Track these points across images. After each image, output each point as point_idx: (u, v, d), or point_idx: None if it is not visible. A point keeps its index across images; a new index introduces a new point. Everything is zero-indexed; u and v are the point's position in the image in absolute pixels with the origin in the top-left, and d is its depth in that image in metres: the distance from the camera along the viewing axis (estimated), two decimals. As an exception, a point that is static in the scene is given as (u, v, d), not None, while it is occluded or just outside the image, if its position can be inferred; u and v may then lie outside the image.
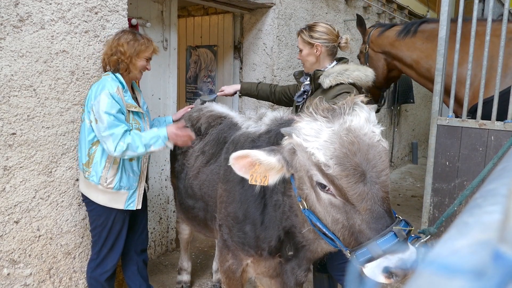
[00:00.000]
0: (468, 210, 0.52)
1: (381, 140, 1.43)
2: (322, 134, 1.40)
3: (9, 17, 2.26)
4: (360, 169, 1.35)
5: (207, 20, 5.25)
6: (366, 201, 1.36)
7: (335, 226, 1.45)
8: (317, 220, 1.53)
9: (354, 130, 1.39)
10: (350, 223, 1.40)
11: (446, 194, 3.37)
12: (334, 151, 1.36)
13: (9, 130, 2.34)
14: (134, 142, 2.34)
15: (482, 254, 0.32)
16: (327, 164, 1.36)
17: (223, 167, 2.22)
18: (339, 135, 1.38)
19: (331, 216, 1.45)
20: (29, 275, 2.54)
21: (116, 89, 2.39)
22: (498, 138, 3.07)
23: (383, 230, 1.33)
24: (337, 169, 1.35)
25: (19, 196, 2.44)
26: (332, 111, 1.46)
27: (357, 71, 2.43)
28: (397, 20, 7.47)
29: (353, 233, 1.40)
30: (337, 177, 1.35)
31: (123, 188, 2.53)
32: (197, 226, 2.70)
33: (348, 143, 1.36)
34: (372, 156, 1.38)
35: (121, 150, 2.32)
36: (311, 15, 4.98)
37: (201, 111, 2.83)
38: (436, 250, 0.37)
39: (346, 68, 2.44)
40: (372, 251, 1.31)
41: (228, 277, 2.24)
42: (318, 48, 2.57)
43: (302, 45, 2.65)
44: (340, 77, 2.39)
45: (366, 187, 1.36)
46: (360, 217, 1.37)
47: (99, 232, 2.58)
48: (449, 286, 0.27)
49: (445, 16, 3.30)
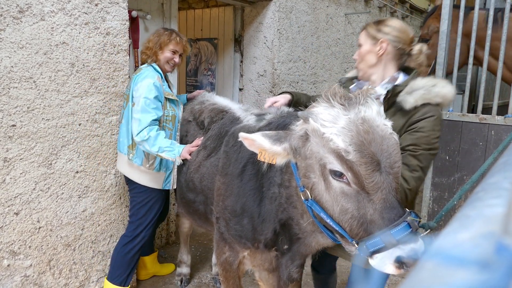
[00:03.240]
0: (470, 203, 0.52)
1: (393, 133, 1.43)
2: (339, 120, 1.39)
3: (9, 8, 2.25)
4: (376, 158, 1.35)
5: (208, 13, 5.22)
6: (382, 190, 1.35)
7: (343, 216, 1.43)
8: (321, 210, 1.51)
9: (368, 121, 1.39)
10: (361, 213, 1.39)
11: (446, 189, 3.38)
12: (352, 138, 1.35)
13: (9, 121, 2.33)
14: (155, 139, 2.53)
15: (485, 246, 0.32)
16: (347, 150, 1.34)
17: (222, 160, 2.22)
18: (356, 123, 1.37)
19: (340, 205, 1.43)
20: (29, 267, 2.55)
21: (157, 77, 2.66)
22: (498, 133, 3.06)
23: (396, 220, 1.33)
24: (357, 156, 1.34)
25: (19, 187, 2.44)
26: (348, 99, 1.45)
27: (448, 86, 1.89)
28: (398, 14, 7.43)
29: (363, 223, 1.39)
30: (356, 163, 1.34)
31: (162, 169, 2.76)
32: (197, 220, 2.71)
33: (364, 132, 1.36)
34: (386, 147, 1.38)
35: (142, 137, 2.52)
36: (312, 8, 4.96)
37: (203, 104, 2.82)
38: (438, 242, 0.37)
39: (434, 84, 1.87)
40: (386, 240, 1.31)
41: (225, 269, 2.25)
42: (383, 46, 1.96)
43: (364, 39, 2.05)
44: (427, 95, 1.83)
45: (381, 176, 1.36)
46: (373, 206, 1.36)
47: (138, 209, 2.79)
48: (454, 277, 0.27)
49: (447, 10, 3.28)
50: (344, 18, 5.69)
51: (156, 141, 2.52)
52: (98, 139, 2.80)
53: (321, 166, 1.46)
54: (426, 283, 0.28)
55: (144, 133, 2.52)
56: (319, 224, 1.63)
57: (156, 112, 2.59)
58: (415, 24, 8.51)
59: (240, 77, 4.91)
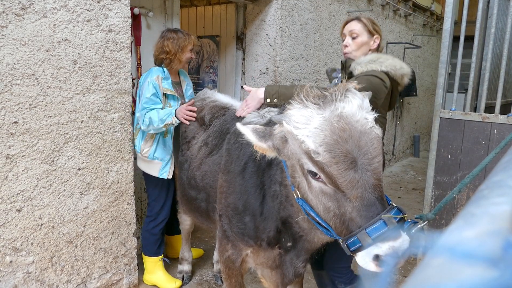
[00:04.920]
0: (474, 201, 0.52)
1: (373, 126, 1.41)
2: (312, 121, 1.38)
3: (11, 5, 2.25)
4: (351, 156, 1.34)
5: (210, 10, 5.21)
6: (357, 188, 1.34)
7: (327, 214, 1.44)
8: (310, 209, 1.52)
9: (346, 117, 1.38)
10: (341, 211, 1.38)
11: (448, 187, 3.37)
12: (324, 138, 1.34)
13: (11, 118, 2.34)
14: (153, 117, 2.90)
15: (491, 244, 0.32)
16: (316, 151, 1.34)
17: (224, 158, 2.22)
18: (330, 122, 1.36)
19: (323, 204, 1.43)
20: (31, 263, 2.56)
21: (156, 77, 3.01)
22: (501, 132, 3.05)
23: (373, 217, 1.32)
24: (327, 156, 1.33)
25: (22, 184, 2.44)
26: (323, 98, 1.44)
27: (391, 59, 2.28)
28: (401, 12, 7.41)
29: (344, 221, 1.38)
30: (326, 164, 1.34)
31: (157, 158, 3.12)
32: (199, 217, 2.71)
33: (339, 130, 1.35)
34: (364, 143, 1.36)
35: (146, 124, 2.94)
36: (314, 6, 4.94)
37: (204, 101, 2.81)
38: (443, 239, 0.37)
39: (379, 56, 2.29)
40: (362, 239, 1.31)
41: (227, 267, 2.25)
42: (377, 41, 2.40)
43: (361, 31, 2.38)
44: (372, 65, 2.23)
45: (357, 174, 1.34)
46: (351, 204, 1.35)
47: (150, 193, 3.28)
48: (462, 274, 0.26)
49: (450, 8, 3.27)
50: (347, 16, 5.67)
51: (155, 117, 2.89)
52: (100, 136, 2.81)
53: (301, 167, 1.47)
54: (433, 280, 0.27)
55: (146, 120, 2.93)
56: (313, 222, 1.63)
57: (158, 104, 2.99)
58: (418, 22, 8.48)
59: (242, 75, 4.90)
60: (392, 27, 7.23)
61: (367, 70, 2.22)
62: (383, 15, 6.84)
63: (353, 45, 2.38)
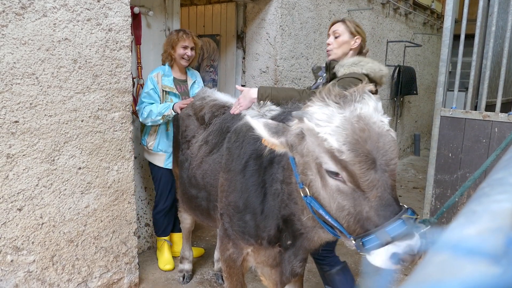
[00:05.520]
0: (475, 198, 0.52)
1: (390, 130, 1.43)
2: (334, 119, 1.39)
3: (11, 4, 2.24)
4: (371, 156, 1.35)
5: (210, 9, 5.21)
6: (377, 188, 1.36)
7: (340, 213, 1.44)
8: (320, 207, 1.52)
9: (364, 118, 1.39)
10: (357, 210, 1.38)
11: (449, 186, 3.37)
12: (346, 137, 1.35)
13: (11, 118, 2.34)
14: (154, 110, 3.21)
15: (493, 241, 0.32)
16: (340, 149, 1.35)
17: (225, 157, 2.22)
18: (351, 121, 1.37)
19: (337, 203, 1.43)
20: (32, 262, 2.56)
21: (155, 75, 3.32)
22: (502, 130, 3.05)
23: (392, 217, 1.33)
24: (350, 155, 1.34)
25: (22, 183, 2.44)
26: (343, 97, 1.45)
27: (371, 63, 2.45)
28: (402, 10, 7.40)
29: (359, 220, 1.39)
30: (350, 163, 1.35)
31: (160, 150, 3.45)
32: (199, 216, 2.71)
33: (359, 130, 1.36)
34: (382, 144, 1.38)
35: (143, 117, 3.28)
36: (314, 5, 4.94)
37: (204, 100, 2.82)
38: (445, 236, 0.37)
39: (360, 60, 2.46)
40: (381, 237, 1.31)
41: (228, 265, 2.25)
42: (357, 42, 2.60)
43: (343, 31, 2.60)
44: (354, 67, 2.41)
45: (377, 174, 1.36)
46: (369, 204, 1.36)
47: (154, 182, 3.63)
48: (464, 271, 0.26)
49: (451, 6, 3.27)
50: (347, 15, 5.66)
51: (154, 111, 3.20)
52: (100, 135, 2.81)
53: (317, 165, 1.46)
54: (435, 277, 0.27)
55: (144, 113, 3.24)
56: (319, 220, 1.63)
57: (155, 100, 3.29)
58: (418, 20, 8.47)
59: (242, 74, 4.90)
60: (392, 26, 7.22)
61: (349, 72, 2.40)
62: (384, 14, 6.83)
63: (334, 43, 2.62)
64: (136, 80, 3.58)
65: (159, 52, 3.79)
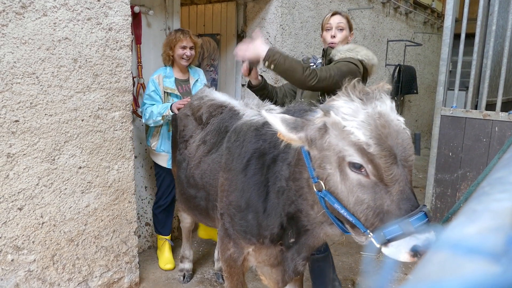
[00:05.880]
0: (476, 197, 0.52)
1: (406, 128, 1.48)
2: (359, 114, 1.43)
3: (11, 4, 2.24)
4: (393, 151, 1.39)
5: (210, 9, 5.20)
6: (399, 182, 1.40)
7: (358, 207, 1.46)
8: (335, 201, 1.53)
9: (384, 115, 1.43)
10: (378, 204, 1.41)
11: (449, 185, 3.37)
12: (371, 131, 1.39)
13: (12, 117, 2.34)
14: (154, 110, 3.27)
15: (493, 240, 0.32)
16: (368, 143, 1.38)
17: (225, 156, 2.21)
18: (373, 118, 1.42)
19: (356, 196, 1.45)
20: (33, 262, 2.56)
21: (157, 76, 3.37)
22: (502, 129, 3.05)
23: (412, 210, 1.37)
24: (377, 149, 1.37)
25: (23, 183, 2.44)
26: (366, 94, 1.49)
27: (366, 50, 2.63)
28: (402, 9, 7.39)
29: (379, 213, 1.41)
30: (376, 156, 1.38)
31: (163, 151, 3.51)
32: (198, 216, 2.71)
33: (381, 126, 1.40)
34: (401, 141, 1.42)
35: (145, 118, 3.35)
36: (315, 4, 4.93)
37: (202, 99, 2.81)
38: (445, 235, 0.37)
39: (355, 47, 2.63)
40: (405, 228, 1.33)
41: (229, 265, 2.25)
42: (352, 37, 2.82)
43: (345, 26, 2.75)
44: (350, 53, 2.56)
45: (398, 169, 1.40)
46: (391, 198, 1.40)
47: (156, 180, 3.73)
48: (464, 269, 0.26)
49: (451, 5, 3.26)
50: (347, 14, 5.66)
51: (154, 111, 3.26)
52: (100, 134, 2.81)
53: (339, 158, 1.48)
54: (436, 275, 0.27)
55: (146, 115, 3.32)
56: (330, 215, 1.64)
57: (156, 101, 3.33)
58: (419, 19, 8.46)
59: (242, 73, 4.90)
60: (392, 25, 7.22)
61: (345, 57, 2.55)
62: (384, 13, 6.83)
63: (340, 37, 2.73)
64: (136, 80, 3.58)
65: (160, 52, 3.79)
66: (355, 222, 1.48)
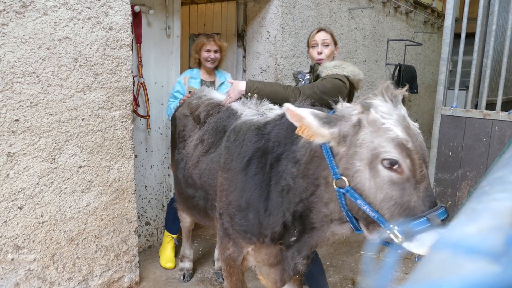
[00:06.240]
0: (476, 197, 0.52)
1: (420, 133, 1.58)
2: (392, 114, 1.51)
3: (12, 3, 2.24)
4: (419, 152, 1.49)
5: (211, 8, 5.20)
6: (426, 179, 1.49)
7: (386, 203, 1.49)
8: (359, 197, 1.55)
9: (406, 118, 1.54)
10: (405, 200, 1.47)
11: (449, 185, 3.37)
12: (403, 130, 1.48)
13: (12, 116, 2.34)
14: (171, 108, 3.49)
15: (493, 239, 0.32)
16: (406, 139, 1.45)
17: (224, 156, 2.21)
18: (401, 119, 1.52)
19: (385, 193, 1.49)
20: (33, 261, 2.56)
21: (183, 77, 3.63)
22: (502, 129, 3.05)
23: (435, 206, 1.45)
24: (413, 145, 1.46)
25: (23, 182, 2.45)
26: (394, 97, 1.57)
27: (352, 66, 2.72)
28: (402, 9, 7.39)
29: (405, 209, 1.46)
30: (413, 152, 1.45)
31: None
32: (197, 215, 2.71)
33: (407, 128, 1.50)
34: (420, 143, 1.52)
35: (168, 115, 3.61)
36: (315, 3, 4.93)
37: (200, 99, 2.81)
38: (445, 235, 0.37)
39: (342, 63, 2.73)
40: (432, 220, 1.39)
41: (228, 265, 2.25)
42: (337, 50, 2.95)
43: (331, 41, 2.87)
44: (336, 69, 2.66)
45: (424, 167, 1.50)
46: (418, 194, 1.46)
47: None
48: (464, 269, 0.26)
49: (451, 5, 3.26)
50: (348, 13, 5.66)
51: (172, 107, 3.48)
52: (101, 134, 2.81)
53: (373, 155, 1.51)
54: (436, 275, 0.27)
55: (168, 111, 3.59)
56: (346, 212, 1.64)
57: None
58: (419, 19, 8.46)
59: (242, 72, 4.90)
60: (393, 25, 7.22)
61: (332, 73, 2.63)
62: (384, 12, 6.82)
63: (326, 52, 2.85)
64: (137, 79, 3.58)
65: (160, 51, 3.80)
66: (377, 218, 1.51)
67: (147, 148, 3.85)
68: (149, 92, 3.70)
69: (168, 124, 3.94)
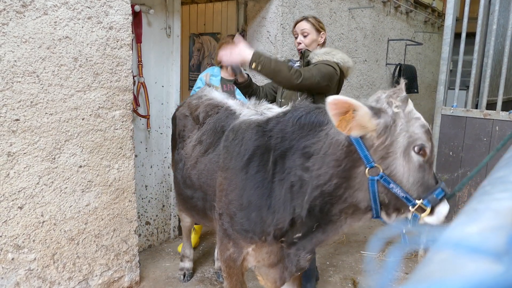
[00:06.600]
0: (477, 197, 0.52)
1: None
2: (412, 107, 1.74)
3: (12, 2, 2.24)
4: None
5: (211, 8, 5.20)
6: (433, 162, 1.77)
7: (414, 185, 1.67)
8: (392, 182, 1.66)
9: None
10: (425, 179, 1.68)
11: (449, 184, 3.37)
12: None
13: (12, 116, 2.34)
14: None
15: (494, 239, 0.32)
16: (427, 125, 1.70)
17: (223, 156, 2.20)
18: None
19: (415, 176, 1.67)
20: (33, 260, 2.56)
21: (205, 75, 3.83)
22: (503, 129, 3.05)
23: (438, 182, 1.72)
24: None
25: (23, 182, 2.45)
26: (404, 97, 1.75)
27: (341, 53, 2.80)
28: (402, 8, 7.39)
29: (426, 187, 1.67)
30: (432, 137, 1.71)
31: None
32: (196, 216, 2.70)
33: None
34: None
35: None
36: (315, 3, 4.93)
37: (200, 99, 2.81)
38: (447, 235, 0.37)
39: (331, 50, 2.81)
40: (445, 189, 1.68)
41: (228, 266, 2.24)
42: (323, 37, 2.92)
43: (310, 30, 2.86)
44: (326, 56, 2.73)
45: None
46: (430, 174, 1.70)
47: None
48: (466, 269, 0.26)
49: (452, 4, 3.26)
50: (348, 13, 5.66)
51: None
52: (101, 133, 2.81)
53: (409, 143, 1.65)
54: (437, 275, 0.27)
55: None
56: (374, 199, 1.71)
57: None
58: (419, 19, 8.46)
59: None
60: (393, 24, 7.21)
61: (322, 59, 2.70)
62: (384, 12, 6.82)
63: (306, 41, 2.88)
64: (137, 78, 3.58)
65: (160, 51, 3.80)
66: (406, 198, 1.67)
67: (147, 147, 3.86)
68: (149, 92, 3.70)
69: (168, 123, 3.94)
